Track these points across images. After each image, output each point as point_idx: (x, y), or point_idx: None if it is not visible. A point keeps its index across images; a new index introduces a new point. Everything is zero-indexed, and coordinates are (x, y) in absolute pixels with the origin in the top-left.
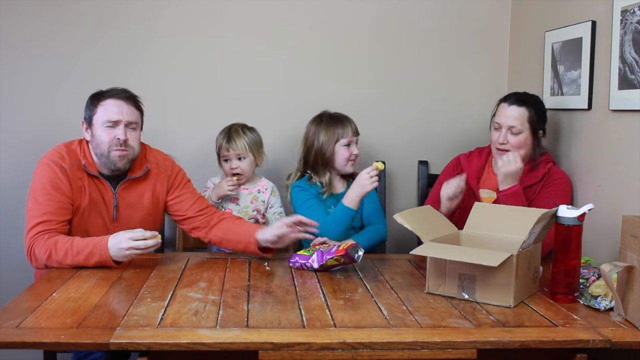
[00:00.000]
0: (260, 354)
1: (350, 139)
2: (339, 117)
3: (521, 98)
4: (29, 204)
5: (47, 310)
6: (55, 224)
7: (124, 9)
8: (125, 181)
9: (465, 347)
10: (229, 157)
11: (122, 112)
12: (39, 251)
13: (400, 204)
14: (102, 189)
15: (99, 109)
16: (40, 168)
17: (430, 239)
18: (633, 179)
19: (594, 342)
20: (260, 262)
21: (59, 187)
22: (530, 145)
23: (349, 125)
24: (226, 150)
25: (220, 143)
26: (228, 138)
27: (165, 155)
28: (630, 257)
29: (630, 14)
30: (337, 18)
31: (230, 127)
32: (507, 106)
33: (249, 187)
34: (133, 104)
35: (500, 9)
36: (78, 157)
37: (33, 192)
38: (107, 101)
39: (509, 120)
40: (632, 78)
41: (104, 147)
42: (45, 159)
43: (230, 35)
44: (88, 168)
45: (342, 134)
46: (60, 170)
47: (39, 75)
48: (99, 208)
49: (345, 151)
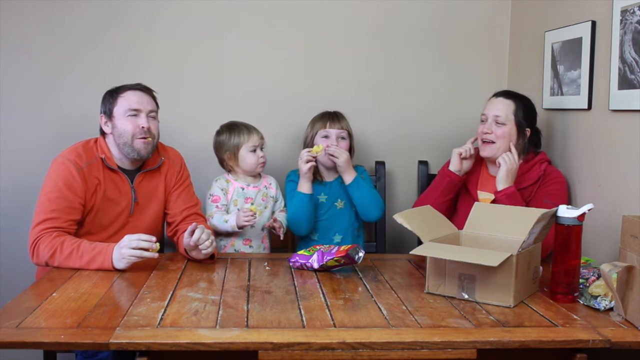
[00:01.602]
0: (260, 354)
1: (329, 130)
2: (324, 113)
3: (509, 92)
4: (39, 199)
5: (47, 310)
6: (63, 222)
7: (124, 10)
8: (141, 173)
9: (465, 347)
10: (256, 147)
11: (142, 101)
12: (43, 248)
13: (400, 204)
14: (119, 183)
15: (120, 100)
16: (56, 166)
17: (430, 239)
18: (633, 179)
19: (594, 342)
20: (260, 262)
21: (72, 186)
22: (514, 141)
23: (331, 121)
24: (257, 140)
25: (240, 139)
26: (248, 130)
27: (177, 152)
28: (630, 257)
29: (630, 14)
30: (337, 18)
31: (236, 122)
32: (494, 99)
33: (257, 185)
34: (150, 95)
35: (500, 9)
36: (95, 154)
37: (45, 189)
38: (127, 92)
39: (494, 110)
40: (632, 78)
41: (127, 136)
42: (62, 158)
43: (230, 35)
44: (107, 162)
45: (322, 125)
46: (77, 169)
47: (40, 76)
48: (115, 202)
49: (322, 142)
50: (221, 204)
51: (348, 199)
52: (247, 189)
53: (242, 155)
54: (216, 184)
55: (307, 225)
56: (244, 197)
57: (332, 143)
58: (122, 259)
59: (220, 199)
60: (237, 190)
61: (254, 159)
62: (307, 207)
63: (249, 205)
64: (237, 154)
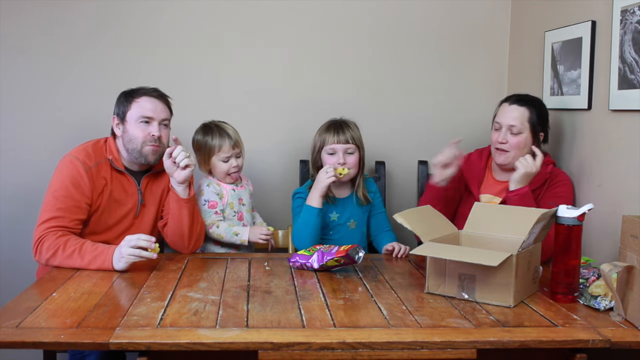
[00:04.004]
0: (260, 353)
1: (334, 146)
2: (330, 124)
3: (522, 98)
4: (46, 197)
5: (47, 310)
6: (68, 221)
7: (124, 10)
8: (147, 175)
9: (465, 347)
10: (229, 157)
11: (156, 109)
12: (47, 247)
13: (400, 204)
14: (126, 185)
15: (134, 105)
16: (64, 165)
17: (430, 239)
18: (633, 179)
19: (594, 342)
20: (260, 262)
21: (79, 185)
22: (530, 147)
23: (337, 134)
24: (228, 150)
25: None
26: (228, 135)
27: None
28: (630, 257)
29: (630, 14)
30: (337, 18)
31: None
32: (507, 105)
33: (242, 184)
34: (165, 103)
35: (500, 9)
36: (104, 154)
37: (52, 187)
38: (142, 98)
39: (509, 119)
40: (632, 78)
41: (137, 142)
42: (70, 157)
43: (230, 36)
44: (115, 163)
45: (327, 140)
46: (85, 169)
47: (40, 76)
48: (121, 204)
49: (329, 158)
50: (219, 209)
51: (361, 218)
52: (237, 190)
53: (214, 162)
54: (209, 189)
55: (312, 241)
56: (237, 197)
57: (339, 160)
58: (122, 259)
59: (217, 204)
60: (230, 192)
61: (224, 168)
62: (315, 221)
63: (260, 221)
64: (209, 161)
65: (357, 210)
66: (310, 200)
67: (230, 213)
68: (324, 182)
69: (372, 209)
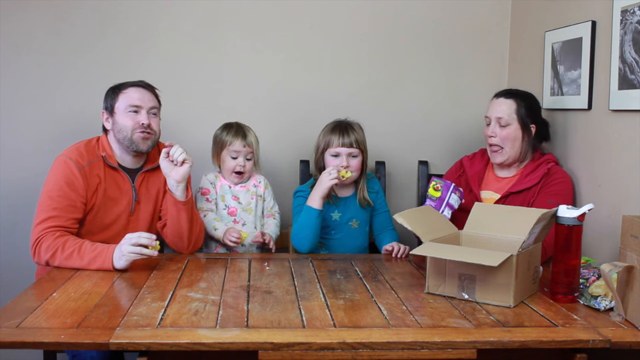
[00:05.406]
0: (260, 354)
1: (339, 149)
2: (335, 125)
3: (510, 92)
4: (41, 198)
5: (47, 310)
6: (65, 220)
7: (125, 10)
8: (142, 172)
9: (465, 347)
10: (238, 154)
11: (143, 98)
12: (45, 248)
13: (400, 204)
14: (120, 182)
15: (121, 96)
16: (57, 165)
17: (430, 239)
18: (633, 179)
19: (594, 342)
20: (260, 262)
21: (73, 184)
22: (520, 139)
23: (342, 136)
24: (239, 147)
25: (225, 141)
26: (244, 135)
27: None
28: (630, 257)
29: (630, 14)
30: (337, 18)
31: (233, 124)
32: (495, 99)
33: (245, 185)
34: (152, 92)
35: (500, 9)
36: (97, 153)
37: (47, 188)
38: (129, 89)
39: (496, 112)
40: (632, 78)
41: (127, 131)
42: (63, 157)
43: (230, 36)
44: (108, 160)
45: (332, 142)
46: (78, 168)
47: (40, 76)
48: (116, 201)
49: (332, 161)
50: (211, 197)
51: (364, 218)
52: (234, 188)
53: (224, 156)
54: (205, 178)
55: (311, 243)
56: (232, 194)
57: (342, 163)
58: (122, 257)
59: (209, 191)
60: (224, 186)
61: (231, 164)
62: (315, 223)
63: (240, 226)
64: (220, 154)
65: (359, 209)
66: (311, 201)
67: (221, 206)
68: (327, 183)
69: (375, 208)
